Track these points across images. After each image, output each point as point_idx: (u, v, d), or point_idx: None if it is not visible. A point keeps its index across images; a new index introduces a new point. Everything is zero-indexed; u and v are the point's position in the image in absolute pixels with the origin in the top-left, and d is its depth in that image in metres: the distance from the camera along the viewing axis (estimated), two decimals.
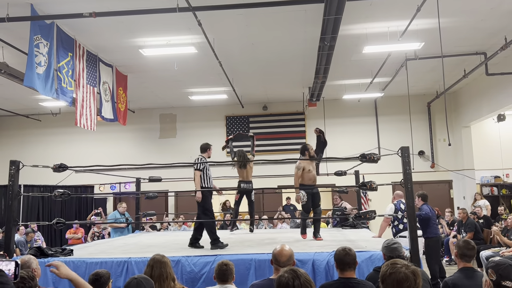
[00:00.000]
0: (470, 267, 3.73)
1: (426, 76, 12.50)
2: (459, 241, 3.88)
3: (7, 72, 8.87)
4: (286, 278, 2.42)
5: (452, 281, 3.62)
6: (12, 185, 5.65)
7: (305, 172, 7.20)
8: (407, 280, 2.35)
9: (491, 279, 2.41)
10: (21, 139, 15.64)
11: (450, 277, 3.71)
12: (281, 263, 3.45)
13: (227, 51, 9.78)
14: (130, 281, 2.83)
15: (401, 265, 2.44)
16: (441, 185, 14.40)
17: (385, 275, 2.42)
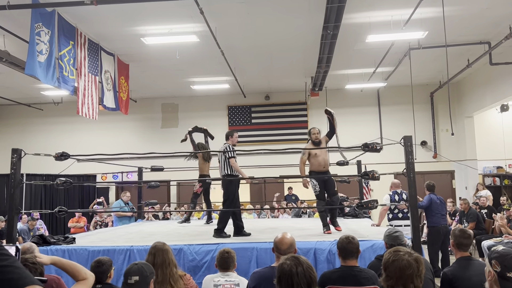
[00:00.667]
0: (468, 256, 3.72)
1: (429, 66, 12.42)
2: (455, 230, 3.85)
3: (8, 60, 8.83)
4: (289, 266, 2.41)
5: (451, 272, 3.61)
6: (14, 174, 5.65)
7: (312, 157, 6.64)
8: (410, 267, 2.34)
9: (495, 270, 2.39)
10: (22, 128, 15.65)
11: (449, 268, 3.69)
12: (282, 251, 3.45)
13: (229, 40, 9.72)
14: (131, 267, 2.84)
15: (403, 252, 2.44)
16: (443, 176, 14.38)
17: (388, 262, 2.42)
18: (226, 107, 15.29)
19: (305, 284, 2.37)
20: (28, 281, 1.39)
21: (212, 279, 3.82)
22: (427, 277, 3.39)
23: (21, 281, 1.38)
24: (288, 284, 2.37)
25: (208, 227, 8.01)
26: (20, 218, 10.30)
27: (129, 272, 2.80)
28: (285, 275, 2.39)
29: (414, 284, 2.36)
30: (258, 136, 14.97)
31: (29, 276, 1.42)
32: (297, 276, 2.36)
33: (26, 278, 1.40)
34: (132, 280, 2.74)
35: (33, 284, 1.39)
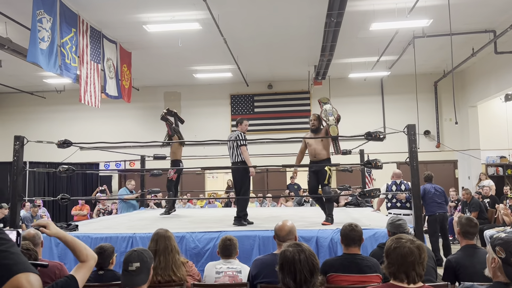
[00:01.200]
0: (473, 244, 3.72)
1: (433, 55, 12.33)
2: (461, 218, 3.85)
3: (10, 47, 8.80)
4: (291, 253, 2.41)
5: (455, 259, 3.61)
6: (17, 161, 5.65)
7: (308, 146, 6.46)
8: (412, 255, 2.34)
9: (500, 257, 2.38)
10: (25, 116, 15.66)
11: (453, 256, 3.70)
12: (281, 238, 3.47)
13: (232, 27, 9.65)
14: (130, 253, 2.81)
15: (406, 240, 2.43)
16: (446, 165, 14.35)
17: (390, 249, 2.41)
18: (228, 96, 15.25)
19: (308, 271, 2.37)
20: (22, 268, 1.36)
21: (214, 266, 3.83)
22: (429, 265, 3.39)
23: (16, 267, 1.36)
24: (290, 271, 2.37)
25: (210, 214, 8.03)
26: (23, 206, 10.35)
27: (129, 259, 2.76)
28: (287, 262, 2.39)
29: (416, 272, 2.35)
30: (261, 125, 14.94)
31: (25, 263, 1.39)
32: (299, 263, 2.36)
33: (21, 264, 1.38)
34: (134, 267, 2.71)
35: (28, 272, 1.36)
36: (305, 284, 2.36)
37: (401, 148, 8.95)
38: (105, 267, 3.66)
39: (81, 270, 2.07)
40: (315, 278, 2.40)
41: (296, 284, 2.35)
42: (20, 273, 1.35)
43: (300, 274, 2.35)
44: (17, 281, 1.33)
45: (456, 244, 9.82)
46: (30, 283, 1.35)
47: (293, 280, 2.35)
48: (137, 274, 2.71)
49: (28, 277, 1.36)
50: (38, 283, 1.38)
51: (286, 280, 2.38)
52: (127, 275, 2.72)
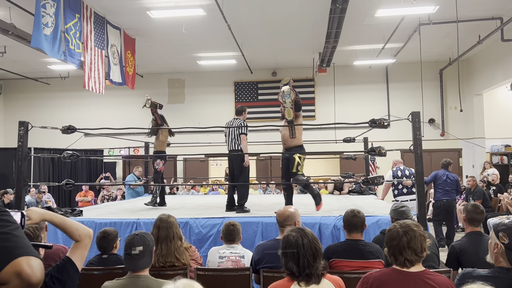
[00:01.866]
0: (478, 231, 3.73)
1: (439, 42, 12.22)
2: (468, 205, 3.85)
3: (14, 33, 8.79)
4: (294, 237, 2.43)
5: (459, 245, 3.62)
6: (22, 146, 5.68)
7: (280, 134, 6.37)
8: (396, 238, 2.37)
9: (503, 242, 2.38)
10: (29, 102, 15.68)
11: (458, 242, 3.71)
12: (281, 223, 3.51)
13: (236, 14, 9.58)
14: (133, 237, 2.81)
15: (399, 224, 2.47)
16: (450, 154, 14.29)
17: (390, 232, 2.43)
18: (232, 83, 15.20)
19: (311, 256, 2.39)
20: (23, 251, 1.31)
21: (218, 251, 3.86)
22: (432, 251, 3.40)
23: (17, 251, 1.30)
24: (293, 255, 2.39)
25: (214, 201, 8.05)
26: (28, 191, 10.42)
27: (132, 242, 2.76)
28: (290, 247, 2.41)
29: (404, 256, 2.37)
30: (265, 113, 14.90)
31: (26, 246, 1.34)
32: (302, 248, 2.38)
33: (23, 248, 1.32)
34: (137, 251, 2.72)
35: (29, 255, 1.31)
36: (308, 268, 2.38)
37: (405, 136, 8.89)
38: (109, 251, 3.69)
39: (77, 251, 2.05)
40: (317, 262, 2.42)
41: (299, 268, 2.37)
42: (21, 257, 1.30)
43: (303, 259, 2.37)
44: (17, 265, 1.28)
45: (460, 232, 9.84)
46: (31, 267, 1.30)
47: (296, 264, 2.37)
48: (140, 258, 2.73)
49: (30, 260, 1.31)
50: (40, 267, 1.32)
51: (289, 265, 2.40)
52: (131, 259, 2.73)
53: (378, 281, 2.41)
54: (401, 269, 2.40)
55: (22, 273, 1.25)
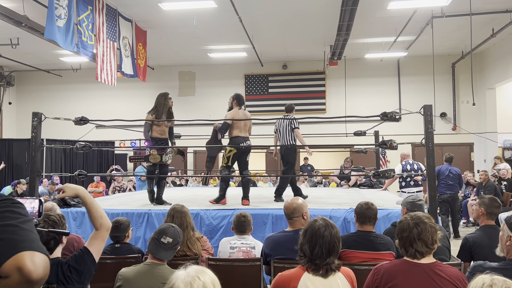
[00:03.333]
0: (493, 224, 3.71)
1: (452, 35, 12.09)
2: (485, 198, 3.83)
3: (27, 25, 8.86)
4: (319, 226, 2.48)
5: (472, 238, 3.62)
6: (35, 137, 5.75)
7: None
8: (407, 230, 2.38)
9: None
10: (42, 94, 15.82)
11: (471, 234, 3.70)
12: (288, 215, 3.54)
13: (247, 6, 9.56)
14: (168, 227, 2.91)
15: (410, 216, 2.48)
16: (462, 148, 14.20)
17: (402, 224, 2.44)
18: (243, 76, 15.20)
19: (326, 249, 2.43)
20: (28, 245, 1.24)
21: (229, 241, 3.89)
22: (443, 244, 3.40)
23: (21, 244, 1.23)
24: (311, 240, 2.43)
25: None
26: (41, 182, 10.55)
27: (165, 231, 2.86)
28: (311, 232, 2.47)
29: (414, 248, 2.38)
30: (275, 106, 14.88)
31: (34, 241, 1.27)
32: (322, 238, 2.43)
33: (29, 242, 1.25)
34: (166, 240, 2.82)
35: (34, 250, 1.24)
36: (319, 259, 2.41)
37: (416, 130, 8.89)
38: (121, 240, 3.74)
39: (95, 242, 2.10)
40: (330, 259, 2.45)
41: (312, 255, 2.41)
42: (25, 251, 1.22)
43: (319, 248, 2.41)
44: (19, 259, 1.20)
45: (470, 227, 9.79)
46: (34, 263, 1.21)
47: (311, 250, 2.41)
48: (166, 248, 2.81)
49: (33, 256, 1.23)
50: (43, 263, 1.24)
51: (304, 247, 2.44)
52: (158, 245, 2.81)
53: (389, 273, 2.42)
54: (412, 260, 2.41)
55: (23, 268, 1.19)
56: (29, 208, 1.72)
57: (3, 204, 1.33)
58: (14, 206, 1.34)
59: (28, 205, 1.73)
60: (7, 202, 1.35)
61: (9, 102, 15.69)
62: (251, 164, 6.48)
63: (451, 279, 2.31)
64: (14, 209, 1.33)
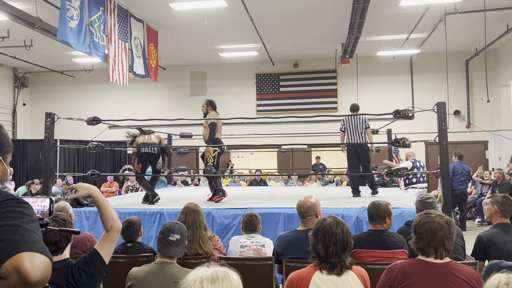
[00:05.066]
0: (507, 222, 3.66)
1: (465, 32, 11.94)
2: (497, 197, 3.79)
3: (40, 26, 8.95)
4: (329, 224, 2.46)
5: (487, 236, 3.57)
6: (48, 137, 5.80)
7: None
8: (441, 229, 2.33)
9: None
10: (55, 95, 15.98)
11: (485, 232, 3.66)
12: (302, 214, 3.50)
13: (258, 5, 9.54)
14: (173, 225, 2.90)
15: (435, 215, 2.41)
16: (476, 146, 14.02)
17: (419, 224, 2.40)
18: (254, 75, 15.18)
19: (340, 246, 2.42)
20: (28, 246, 1.20)
21: (239, 240, 3.89)
22: (457, 243, 3.35)
23: (21, 245, 1.20)
24: (324, 239, 2.42)
25: (235, 192, 8.08)
26: (54, 182, 10.66)
27: (172, 229, 2.86)
28: (324, 231, 2.44)
29: (445, 247, 2.34)
30: (286, 105, 14.86)
31: (35, 242, 1.24)
32: (335, 236, 2.44)
33: (29, 243, 1.22)
34: (174, 238, 2.81)
35: (35, 251, 1.20)
36: (334, 257, 2.40)
37: (429, 129, 8.80)
38: (134, 239, 3.75)
39: (105, 244, 2.08)
40: (345, 255, 2.44)
41: (327, 254, 2.39)
42: (24, 252, 1.18)
43: (333, 246, 2.41)
44: (18, 260, 1.16)
45: (485, 225, 9.67)
46: (33, 265, 1.17)
47: (325, 250, 2.40)
48: (175, 246, 2.80)
49: (33, 257, 1.19)
50: (43, 265, 1.20)
51: (318, 247, 2.43)
52: (166, 244, 2.81)
53: (403, 272, 2.38)
54: (427, 259, 2.37)
55: (21, 270, 1.15)
56: (40, 206, 1.73)
57: (7, 203, 1.31)
58: (18, 205, 1.32)
59: (39, 203, 1.73)
60: (12, 201, 1.32)
61: (23, 103, 15.87)
62: (263, 163, 6.51)
63: (467, 279, 2.27)
64: (18, 208, 1.30)
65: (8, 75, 15.42)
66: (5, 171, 1.50)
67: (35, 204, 1.73)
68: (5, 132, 1.51)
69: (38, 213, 1.73)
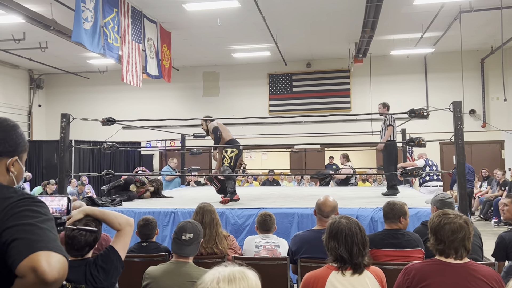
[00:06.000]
0: None
1: (481, 30, 11.79)
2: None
3: (55, 28, 9.05)
4: (346, 225, 2.44)
5: (509, 236, 3.52)
6: (64, 138, 5.86)
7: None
8: (462, 230, 2.30)
9: None
10: (70, 96, 16.15)
11: (507, 232, 3.62)
12: (325, 213, 3.46)
13: (270, 4, 9.53)
14: (185, 224, 2.90)
15: (453, 215, 2.38)
16: (491, 146, 13.84)
17: (439, 226, 2.36)
18: (266, 75, 15.17)
19: (362, 245, 2.41)
20: (44, 245, 1.21)
21: (254, 240, 3.88)
22: (475, 243, 3.31)
23: (37, 244, 1.20)
24: (346, 241, 2.40)
25: (249, 192, 8.08)
26: (69, 182, 10.78)
27: (184, 228, 2.86)
28: (343, 233, 2.43)
29: (465, 247, 2.30)
30: (299, 105, 14.81)
31: (51, 241, 1.23)
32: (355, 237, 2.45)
33: (45, 242, 1.22)
34: (187, 237, 2.81)
35: (51, 251, 1.20)
36: (358, 257, 2.39)
37: (444, 128, 8.71)
38: (151, 238, 3.78)
39: (119, 239, 2.10)
40: (366, 252, 2.44)
41: (352, 256, 2.39)
42: (40, 251, 1.18)
43: (356, 247, 2.40)
44: (34, 259, 1.17)
45: (502, 226, 9.54)
46: (49, 264, 1.17)
47: (349, 251, 2.38)
48: (188, 245, 2.80)
49: (49, 257, 1.19)
50: (59, 264, 1.20)
51: (340, 250, 2.40)
52: (179, 243, 2.81)
53: (421, 273, 2.35)
54: (445, 260, 2.34)
55: (37, 269, 1.16)
56: (58, 205, 1.74)
57: (23, 202, 1.31)
58: (34, 205, 1.32)
59: (57, 202, 1.74)
60: (28, 200, 1.33)
61: (39, 104, 16.08)
62: (275, 163, 6.47)
63: (487, 280, 2.23)
64: (33, 207, 1.31)
65: (24, 77, 15.63)
66: (21, 170, 1.52)
67: (53, 203, 1.74)
68: (21, 132, 1.53)
69: (56, 212, 1.74)
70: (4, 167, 1.46)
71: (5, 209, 1.28)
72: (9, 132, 1.48)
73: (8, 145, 1.47)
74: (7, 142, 1.46)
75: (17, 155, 1.50)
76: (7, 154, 1.47)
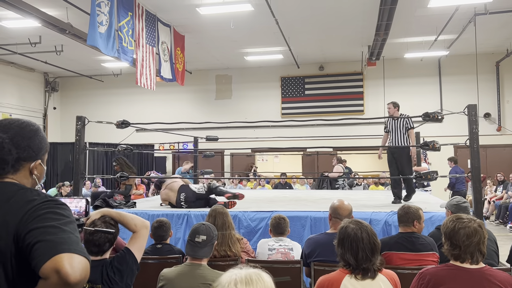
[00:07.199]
0: None
1: (496, 33, 11.67)
2: None
3: (71, 32, 9.17)
4: (353, 230, 2.43)
5: None
6: (79, 140, 5.92)
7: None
8: (477, 234, 2.28)
9: None
10: (85, 99, 16.33)
11: None
12: (342, 216, 3.45)
13: (283, 8, 9.55)
14: (199, 226, 2.92)
15: (467, 219, 2.36)
16: (507, 149, 13.66)
17: (454, 230, 2.34)
18: (279, 79, 15.18)
19: (369, 250, 2.39)
20: (67, 247, 1.23)
21: (267, 243, 3.88)
22: (490, 248, 3.27)
23: (60, 246, 1.22)
24: (351, 247, 2.38)
25: (261, 195, 8.09)
26: (84, 184, 10.89)
27: (198, 230, 2.87)
28: (349, 239, 2.41)
29: (480, 251, 2.29)
30: (312, 108, 14.79)
31: (74, 243, 1.26)
32: (362, 242, 2.39)
33: (68, 244, 1.24)
34: (200, 239, 2.82)
35: (73, 253, 1.22)
36: (365, 262, 2.37)
37: (458, 132, 8.63)
38: (165, 239, 3.81)
39: (135, 241, 2.12)
40: (375, 257, 2.41)
41: (358, 261, 2.36)
42: (63, 253, 1.21)
43: (362, 252, 2.37)
44: (57, 261, 1.19)
45: None
46: (72, 266, 1.20)
47: (355, 257, 2.37)
48: (202, 247, 2.82)
49: (72, 259, 1.21)
50: (81, 266, 1.22)
51: (346, 256, 2.39)
52: (193, 245, 2.83)
53: (436, 278, 2.33)
54: (461, 265, 2.32)
55: (60, 271, 1.18)
56: (76, 207, 1.77)
57: (46, 205, 1.34)
58: (57, 207, 1.35)
59: (75, 204, 1.78)
60: (51, 203, 1.35)
61: (54, 107, 16.28)
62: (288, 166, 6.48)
63: (503, 285, 2.21)
64: (57, 210, 1.33)
65: (40, 80, 15.86)
66: (42, 171, 1.56)
67: (71, 205, 1.77)
68: (43, 135, 1.57)
69: (74, 214, 1.77)
70: (28, 170, 1.50)
71: (28, 211, 1.31)
72: (33, 138, 1.51)
73: (31, 151, 1.50)
74: (31, 148, 1.50)
75: (40, 158, 1.53)
76: (30, 158, 1.50)
